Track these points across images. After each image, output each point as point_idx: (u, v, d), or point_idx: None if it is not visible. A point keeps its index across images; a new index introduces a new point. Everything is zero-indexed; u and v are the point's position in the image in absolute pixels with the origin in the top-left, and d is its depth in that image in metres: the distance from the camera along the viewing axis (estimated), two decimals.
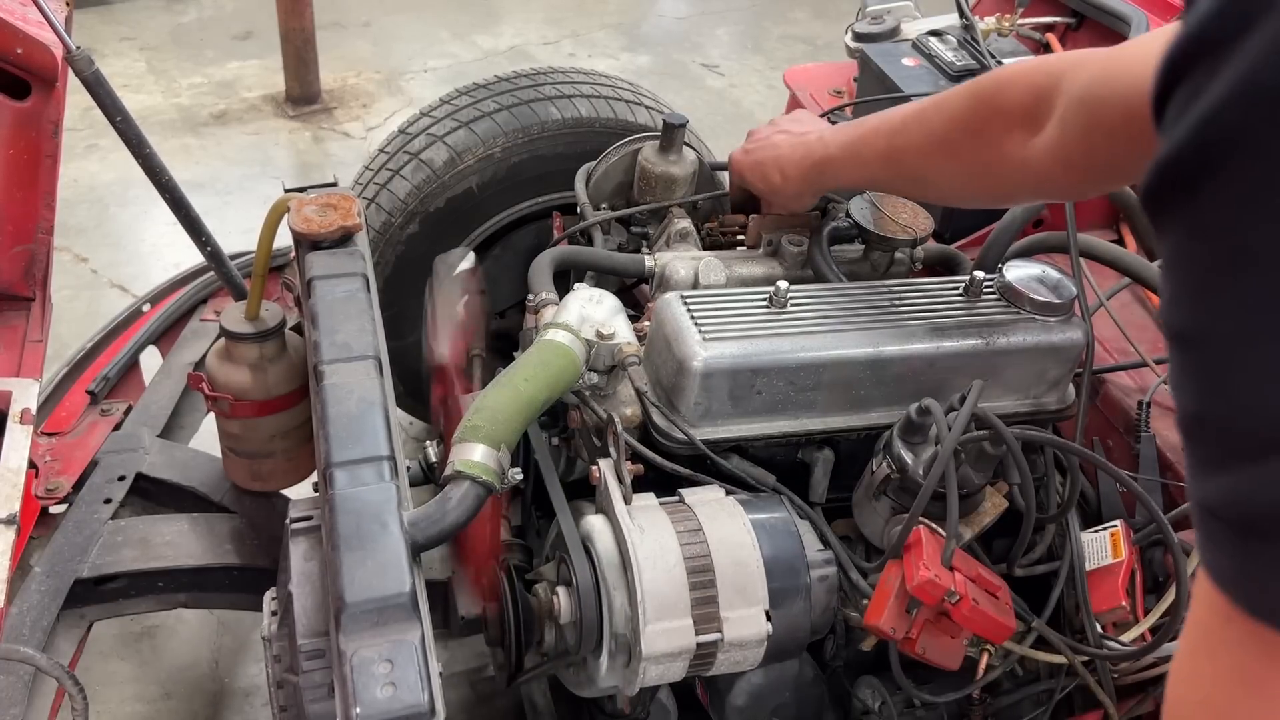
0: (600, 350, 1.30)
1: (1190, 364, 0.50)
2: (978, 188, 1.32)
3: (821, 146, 1.41)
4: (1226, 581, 0.50)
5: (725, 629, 1.16)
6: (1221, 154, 0.45)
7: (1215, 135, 0.45)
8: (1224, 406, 0.48)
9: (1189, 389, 0.50)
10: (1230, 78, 0.44)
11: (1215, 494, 0.49)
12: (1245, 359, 0.46)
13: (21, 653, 1.33)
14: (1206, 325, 0.48)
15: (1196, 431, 0.51)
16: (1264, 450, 0.46)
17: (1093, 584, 1.32)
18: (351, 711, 0.88)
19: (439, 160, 1.87)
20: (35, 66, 1.61)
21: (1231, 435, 0.48)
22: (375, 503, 1.03)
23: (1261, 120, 0.43)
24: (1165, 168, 0.48)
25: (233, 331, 1.52)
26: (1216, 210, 0.46)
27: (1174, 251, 0.49)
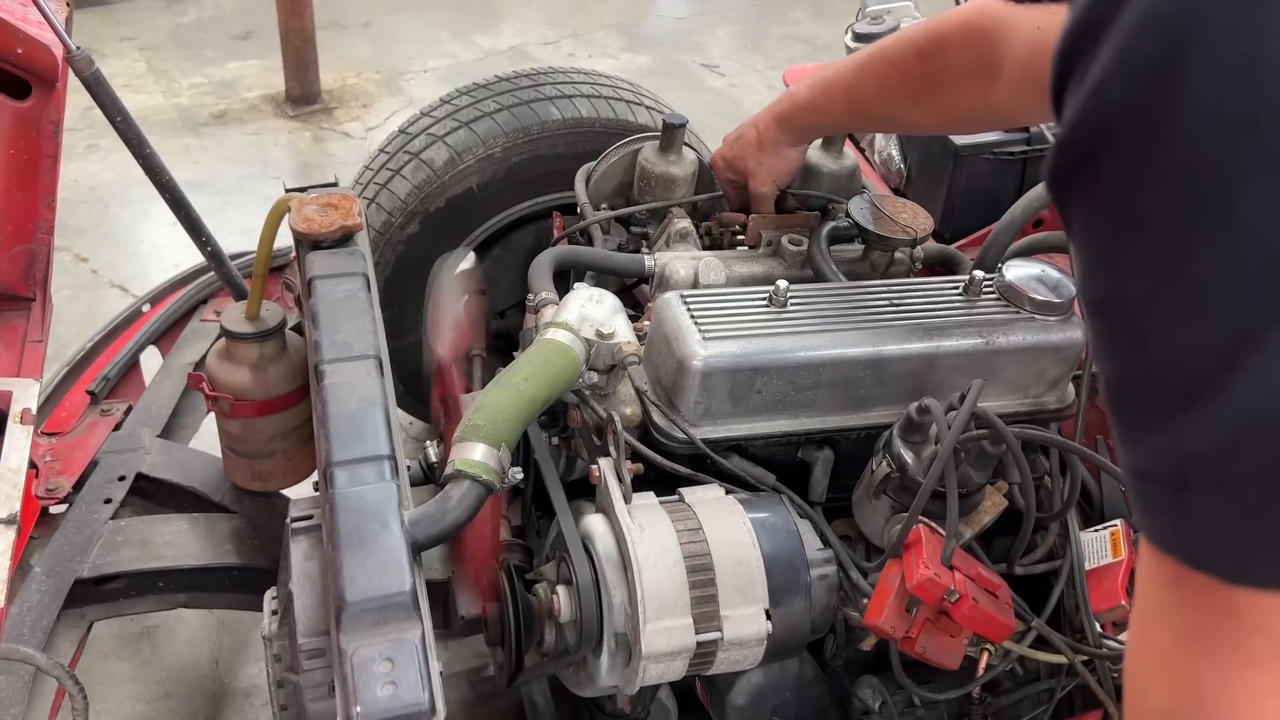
0: (600, 350, 1.30)
1: (1106, 330, 0.51)
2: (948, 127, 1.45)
3: (787, 98, 1.50)
4: (1166, 542, 0.51)
5: (725, 628, 1.16)
6: (1108, 126, 0.47)
7: (1101, 110, 0.47)
8: (1145, 364, 0.49)
9: (1109, 356, 0.52)
10: (1108, 55, 0.46)
11: (1145, 456, 0.51)
12: (1154, 315, 0.48)
13: (21, 653, 1.33)
14: (1116, 289, 0.50)
15: (1120, 396, 0.52)
16: (1183, 400, 0.47)
17: (1093, 583, 1.32)
18: (352, 710, 0.88)
19: (439, 160, 1.87)
20: (35, 66, 1.61)
21: (1152, 392, 0.49)
22: (376, 502, 1.03)
23: (1138, 90, 0.45)
24: (1062, 148, 0.50)
25: (233, 331, 1.52)
26: (1111, 180, 0.48)
27: (1081, 227, 0.51)
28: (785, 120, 1.50)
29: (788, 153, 1.54)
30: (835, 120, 1.50)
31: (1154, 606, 0.54)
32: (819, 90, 1.45)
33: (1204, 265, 0.45)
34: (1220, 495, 0.48)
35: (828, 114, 1.47)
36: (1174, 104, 0.44)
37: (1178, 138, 0.44)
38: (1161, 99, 0.44)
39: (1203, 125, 0.43)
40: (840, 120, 1.50)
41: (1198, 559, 0.50)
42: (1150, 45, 0.44)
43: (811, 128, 1.53)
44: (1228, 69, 0.42)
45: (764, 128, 1.53)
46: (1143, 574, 0.55)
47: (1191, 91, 0.43)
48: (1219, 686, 0.50)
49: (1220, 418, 0.46)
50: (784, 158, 1.55)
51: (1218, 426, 0.46)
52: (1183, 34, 0.43)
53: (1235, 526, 0.48)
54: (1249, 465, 0.46)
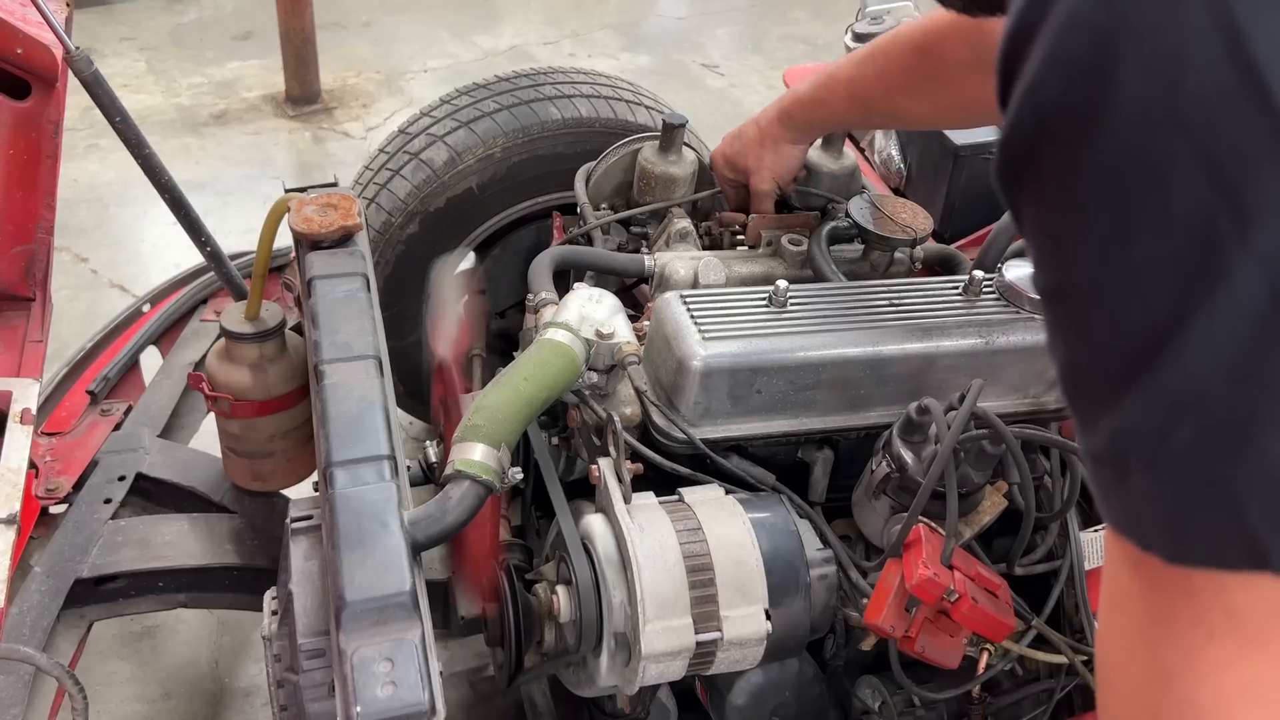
0: (600, 350, 1.30)
1: (1058, 319, 0.53)
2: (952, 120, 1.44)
3: (789, 95, 1.50)
4: (1119, 525, 0.52)
5: (725, 628, 1.16)
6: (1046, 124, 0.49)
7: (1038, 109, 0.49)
8: (1093, 348, 0.51)
9: (1061, 343, 0.53)
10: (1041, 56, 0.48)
11: (1097, 440, 0.52)
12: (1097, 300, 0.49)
13: (21, 653, 1.33)
14: (1063, 279, 0.51)
15: (1073, 384, 0.53)
16: (1124, 383, 0.49)
17: (1092, 583, 1.32)
18: (352, 710, 0.88)
19: (439, 160, 1.87)
20: (35, 67, 1.61)
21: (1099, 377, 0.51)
22: (375, 502, 1.03)
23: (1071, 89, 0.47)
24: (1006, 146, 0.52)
25: (233, 331, 1.52)
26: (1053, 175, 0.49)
27: (1030, 222, 0.53)
28: (787, 115, 1.51)
29: (789, 150, 1.55)
30: (837, 115, 1.50)
31: (1118, 591, 0.55)
32: (820, 86, 1.45)
33: (1139, 250, 0.47)
34: (1156, 478, 0.49)
35: (829, 108, 1.47)
36: (1106, 101, 0.45)
37: (1111, 132, 0.46)
38: (1094, 97, 0.46)
39: (1133, 120, 0.45)
40: (842, 115, 1.50)
41: (1143, 541, 0.51)
42: (1079, 46, 0.46)
43: (814, 124, 1.53)
44: (1151, 66, 0.44)
45: (765, 124, 1.53)
46: (1107, 559, 0.57)
47: (1120, 89, 0.45)
48: (1183, 664, 0.51)
49: (1151, 399, 0.48)
50: (785, 155, 1.55)
51: (1150, 410, 0.48)
52: (1108, 34, 0.45)
53: (1169, 507, 0.49)
54: (1178, 445, 0.47)
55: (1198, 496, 0.48)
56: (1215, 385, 0.46)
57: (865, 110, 1.45)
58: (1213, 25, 0.42)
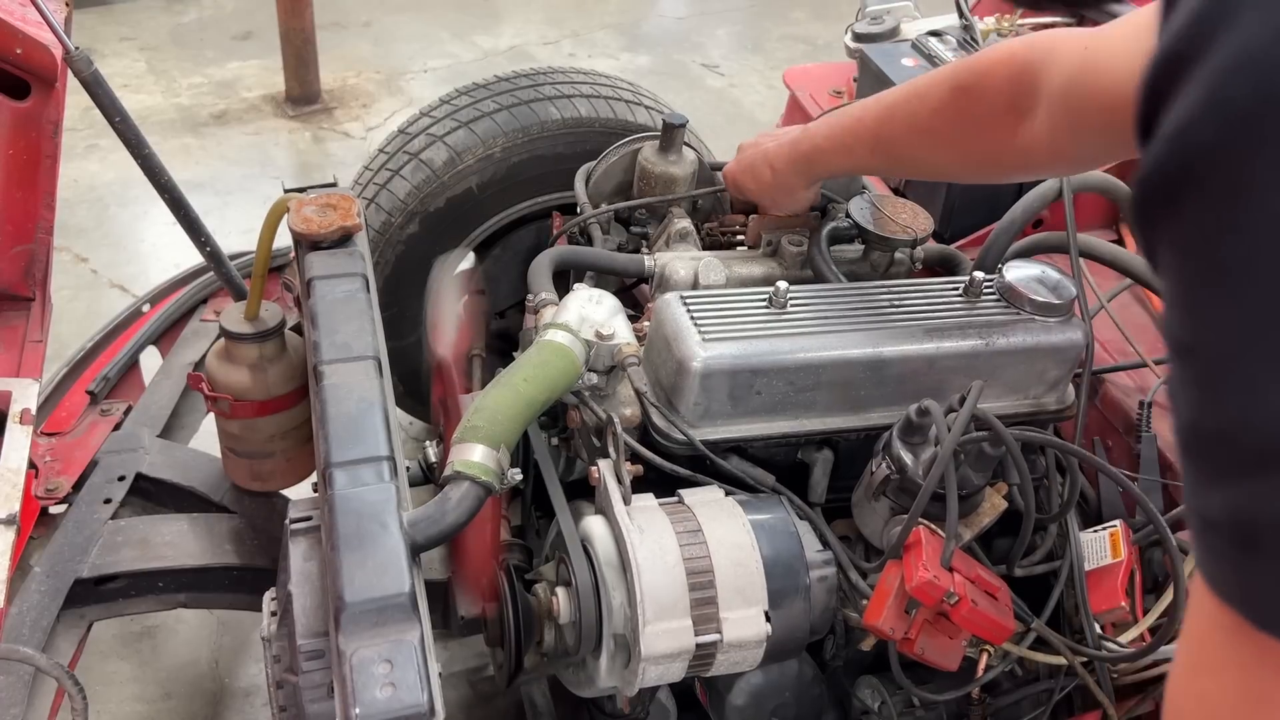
0: (600, 350, 1.30)
1: (1187, 374, 0.50)
2: (972, 172, 1.36)
3: (807, 139, 1.43)
4: (1232, 596, 0.49)
5: (724, 629, 1.16)
6: (1194, 169, 0.45)
7: (1187, 151, 0.45)
8: (1221, 419, 0.48)
9: (1186, 399, 0.50)
10: (1198, 94, 0.44)
11: (1216, 507, 0.49)
12: (1237, 372, 0.46)
13: (21, 653, 1.33)
14: (1198, 337, 0.48)
15: (1194, 443, 0.50)
16: (1262, 464, 0.46)
17: (1092, 584, 1.32)
18: (351, 712, 0.88)
19: (439, 160, 1.87)
20: (35, 67, 1.61)
21: (1229, 448, 0.48)
22: (375, 503, 1.03)
23: (1228, 136, 0.43)
24: (1146, 183, 0.48)
25: (233, 332, 1.52)
26: (1196, 225, 0.46)
27: (1163, 264, 0.50)
28: (804, 162, 1.44)
29: (802, 195, 1.51)
30: (858, 163, 1.43)
31: (1209, 656, 0.52)
32: (844, 129, 1.38)
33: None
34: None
35: (851, 154, 1.39)
36: (1270, 153, 0.41)
37: (1270, 191, 0.42)
38: (1254, 148, 0.42)
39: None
40: (863, 163, 1.43)
41: (1265, 621, 0.48)
42: (1244, 91, 0.42)
43: (832, 172, 1.48)
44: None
45: (780, 170, 1.46)
46: (1196, 616, 0.53)
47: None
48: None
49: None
50: (797, 200, 1.52)
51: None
52: None
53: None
54: None
55: None
56: None
57: (887, 156, 1.37)
58: None
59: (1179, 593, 1.25)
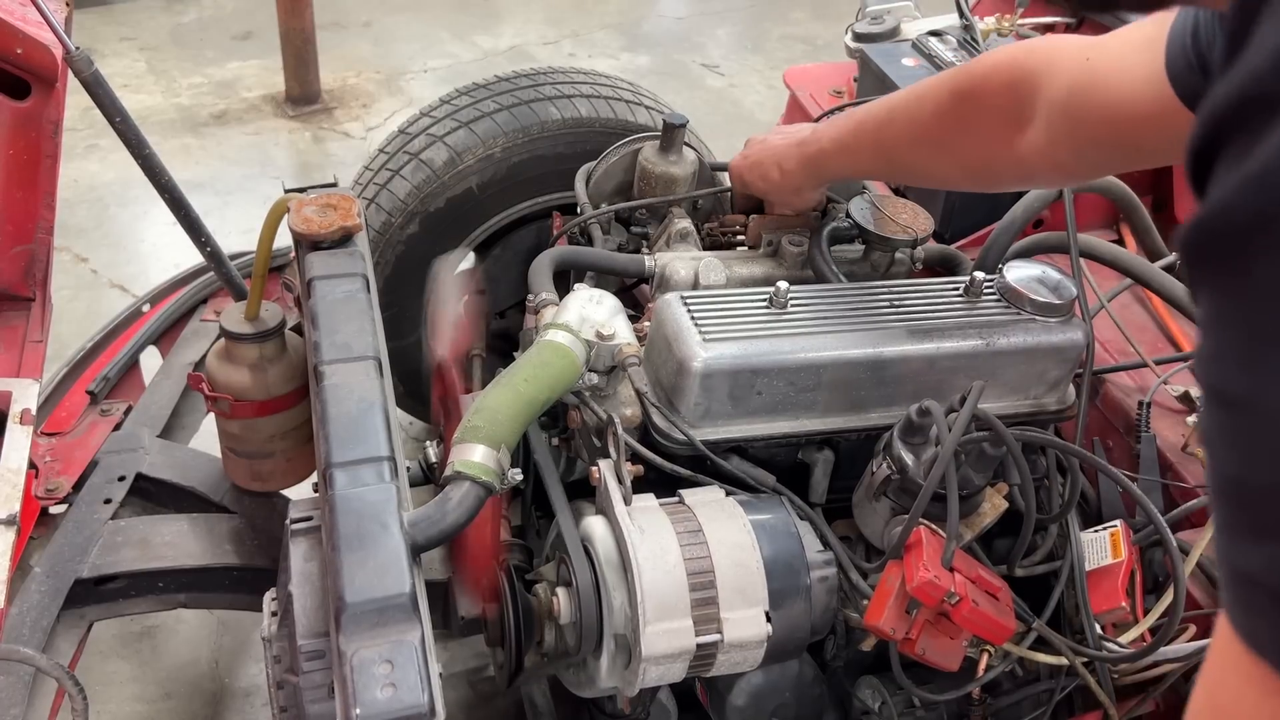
0: (600, 351, 1.30)
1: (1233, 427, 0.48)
2: (970, 179, 1.36)
3: (814, 141, 1.44)
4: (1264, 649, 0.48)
5: (725, 630, 1.16)
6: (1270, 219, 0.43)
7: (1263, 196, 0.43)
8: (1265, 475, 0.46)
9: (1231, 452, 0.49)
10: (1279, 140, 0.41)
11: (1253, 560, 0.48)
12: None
13: (21, 653, 1.33)
14: (1253, 392, 0.46)
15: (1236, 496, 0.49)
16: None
17: (1092, 584, 1.32)
18: (351, 712, 0.88)
19: (439, 160, 1.87)
20: (35, 67, 1.61)
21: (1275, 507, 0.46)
22: (375, 503, 1.03)
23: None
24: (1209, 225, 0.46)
25: (233, 332, 1.52)
26: (1262, 276, 0.44)
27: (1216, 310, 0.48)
28: (811, 164, 1.45)
29: (809, 195, 1.52)
30: (860, 165, 1.44)
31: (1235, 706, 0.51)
32: (848, 131, 1.39)
33: None
34: None
35: (855, 157, 1.41)
36: None
37: None
38: None
39: None
40: (865, 165, 1.44)
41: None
42: None
43: (838, 175, 1.49)
44: None
45: (788, 170, 1.47)
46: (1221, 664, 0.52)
47: None
48: None
49: None
50: (804, 200, 1.53)
51: None
52: None
53: None
54: None
55: None
56: None
57: (888, 160, 1.38)
58: None
59: (1179, 593, 1.25)
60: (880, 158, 1.37)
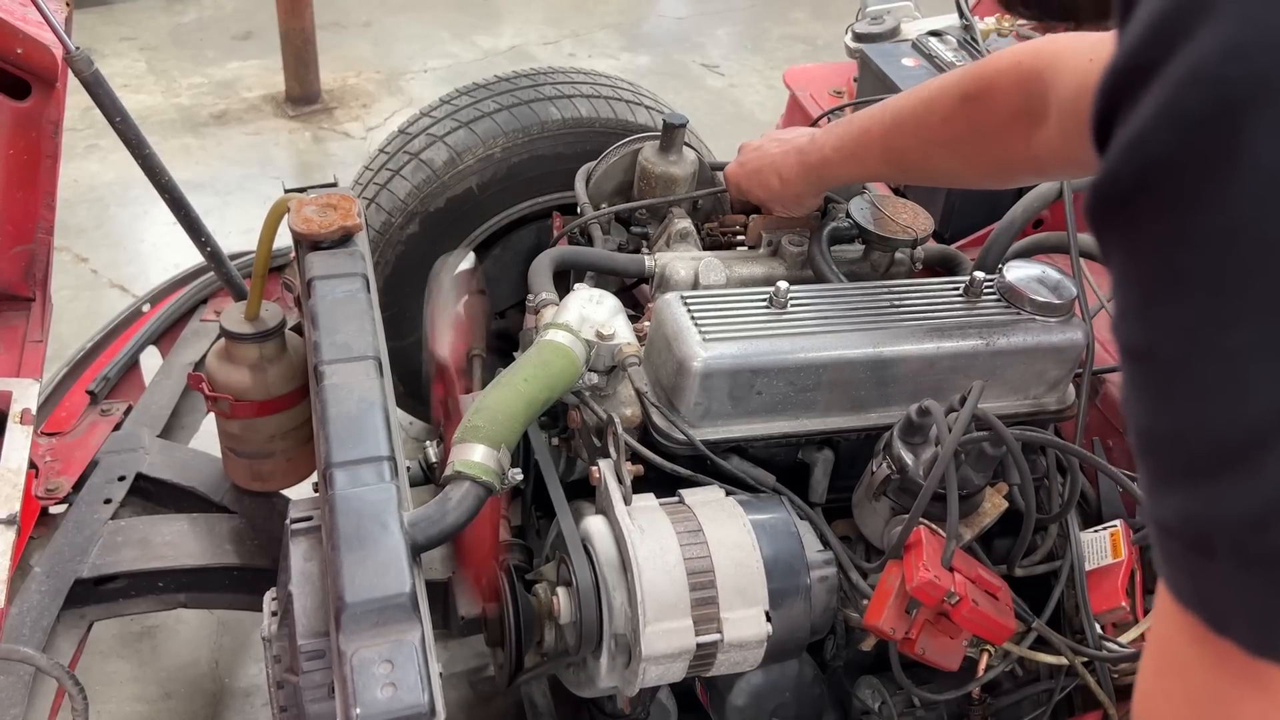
0: (600, 350, 1.30)
1: (1140, 380, 0.50)
2: (985, 178, 1.36)
3: (815, 149, 1.42)
4: (1187, 598, 0.50)
5: (725, 630, 1.16)
6: (1150, 178, 0.45)
7: (1144, 160, 0.45)
8: (1176, 422, 0.48)
9: (1141, 405, 0.50)
10: (1154, 105, 0.44)
11: (1170, 512, 0.49)
12: (1189, 378, 0.46)
13: (21, 653, 1.33)
14: (1151, 342, 0.48)
15: (1149, 448, 0.51)
16: (1212, 469, 0.46)
17: (1092, 584, 1.32)
18: (351, 712, 0.88)
19: (439, 160, 1.87)
20: (35, 67, 1.61)
21: (1179, 452, 0.48)
22: (375, 503, 1.03)
23: (1185, 146, 0.43)
24: (1101, 189, 0.48)
25: (233, 332, 1.52)
26: (1151, 232, 0.46)
27: (1117, 268, 0.50)
28: (813, 173, 1.44)
29: (809, 202, 1.52)
30: (868, 170, 1.43)
31: (1173, 658, 0.53)
32: (852, 139, 1.37)
33: (1246, 334, 0.43)
34: (1245, 569, 0.46)
35: (862, 164, 1.39)
36: (1224, 165, 0.42)
37: (1227, 201, 0.42)
38: (1211, 159, 0.42)
39: (1256, 192, 0.41)
40: (873, 170, 1.43)
41: (1221, 625, 0.48)
42: (1202, 103, 0.42)
43: (841, 181, 1.48)
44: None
45: (789, 179, 1.46)
46: (1161, 619, 0.53)
47: (1246, 156, 0.41)
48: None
49: (1250, 494, 0.45)
50: (804, 206, 1.53)
51: (1246, 502, 0.45)
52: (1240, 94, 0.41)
53: (1260, 601, 0.47)
54: (1276, 543, 0.45)
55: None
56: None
57: (898, 166, 1.38)
58: None
59: None
60: (889, 163, 1.36)
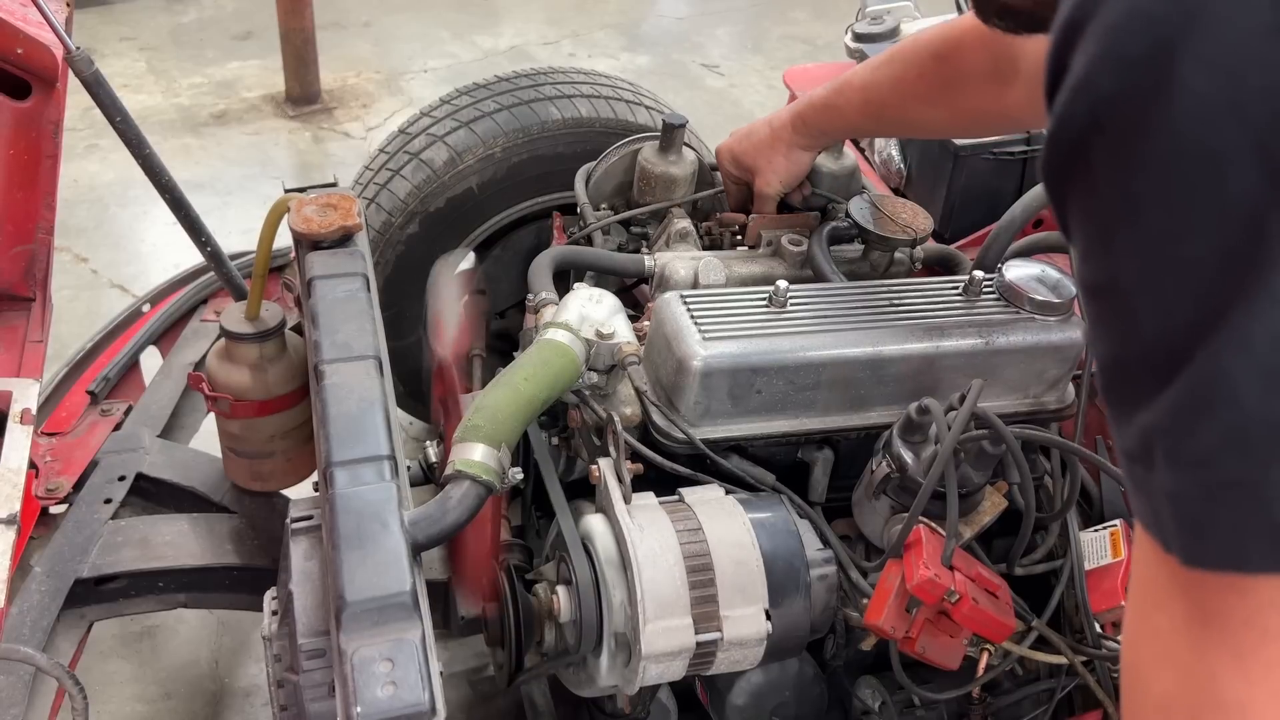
0: (600, 350, 1.30)
1: (1102, 312, 0.52)
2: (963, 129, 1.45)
3: (804, 99, 1.50)
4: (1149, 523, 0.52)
5: (725, 628, 1.16)
6: (1099, 117, 0.48)
7: (1091, 101, 0.48)
8: (1132, 346, 0.50)
9: (1103, 339, 0.53)
10: (1095, 49, 0.47)
11: (1130, 436, 0.51)
12: (1145, 295, 0.49)
13: (21, 653, 1.33)
14: (1111, 273, 0.51)
15: (1112, 379, 0.53)
16: (1167, 374, 0.48)
17: (1092, 583, 1.32)
18: (352, 711, 0.88)
19: (439, 160, 1.87)
20: (35, 67, 1.61)
21: (1139, 372, 0.50)
22: (375, 502, 1.03)
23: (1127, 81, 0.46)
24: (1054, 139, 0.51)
25: (233, 332, 1.52)
26: (1104, 168, 0.49)
27: (1077, 216, 0.53)
28: (800, 120, 1.50)
29: (799, 155, 1.54)
30: (850, 121, 1.49)
31: (1152, 591, 0.54)
32: (835, 91, 1.45)
33: (1187, 246, 0.46)
34: (1176, 472, 0.48)
35: (843, 115, 1.46)
36: (1162, 95, 0.45)
37: (1166, 126, 0.46)
38: (1149, 91, 0.46)
39: (1190, 114, 0.45)
40: (855, 121, 1.49)
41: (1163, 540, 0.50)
42: (1136, 40, 0.46)
43: (826, 130, 1.53)
44: (1214, 61, 0.44)
45: (778, 126, 1.53)
46: (1138, 559, 0.55)
47: (1179, 83, 0.45)
48: (1233, 667, 0.49)
49: (1181, 394, 0.47)
50: (794, 160, 1.54)
51: (1178, 402, 0.47)
52: (1170, 29, 0.45)
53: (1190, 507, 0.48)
54: (1203, 442, 0.47)
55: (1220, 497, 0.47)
56: (1247, 384, 0.45)
57: (878, 117, 1.44)
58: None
59: None
60: (868, 113, 1.43)
